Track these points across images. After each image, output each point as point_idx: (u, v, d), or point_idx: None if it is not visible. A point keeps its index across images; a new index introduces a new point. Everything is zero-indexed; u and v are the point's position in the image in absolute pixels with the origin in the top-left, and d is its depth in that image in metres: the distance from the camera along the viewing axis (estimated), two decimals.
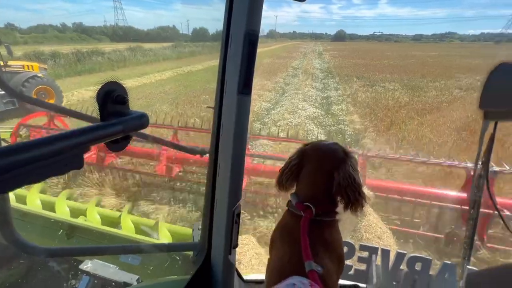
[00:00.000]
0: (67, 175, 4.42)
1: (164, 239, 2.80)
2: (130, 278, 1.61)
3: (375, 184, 3.62)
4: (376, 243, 3.05)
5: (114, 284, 1.59)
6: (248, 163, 4.08)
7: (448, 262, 1.49)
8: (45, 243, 2.51)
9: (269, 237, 1.05)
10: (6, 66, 8.89)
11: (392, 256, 1.60)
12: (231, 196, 1.02)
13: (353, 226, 3.34)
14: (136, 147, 4.67)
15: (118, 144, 0.51)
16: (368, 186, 3.43)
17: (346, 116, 9.42)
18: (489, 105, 0.98)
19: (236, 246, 1.12)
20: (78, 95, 11.71)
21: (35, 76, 9.17)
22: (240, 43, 0.85)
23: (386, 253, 1.60)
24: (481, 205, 1.43)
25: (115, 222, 3.11)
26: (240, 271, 1.43)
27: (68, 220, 2.73)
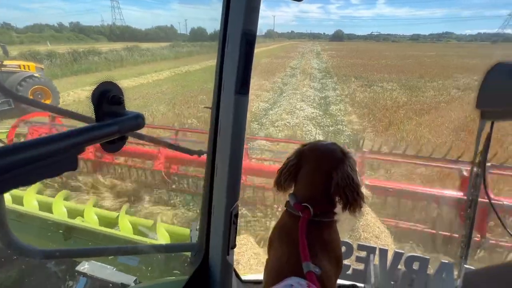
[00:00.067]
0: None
1: (162, 239, 2.79)
2: (128, 279, 1.60)
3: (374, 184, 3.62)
4: (374, 243, 3.06)
5: (111, 285, 1.58)
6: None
7: (446, 261, 1.50)
8: (42, 245, 2.50)
9: (267, 237, 1.05)
10: (2, 66, 8.81)
11: (390, 255, 1.60)
12: (228, 196, 1.01)
13: (351, 225, 3.34)
14: (132, 147, 4.66)
15: (114, 145, 0.50)
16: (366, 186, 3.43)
17: (344, 117, 9.43)
18: (485, 105, 0.98)
19: (234, 246, 1.12)
20: (74, 95, 11.61)
21: (32, 76, 9.10)
22: (237, 42, 0.84)
23: (384, 252, 1.61)
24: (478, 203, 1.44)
25: (112, 223, 3.10)
26: (238, 271, 1.43)
27: (65, 221, 2.72)
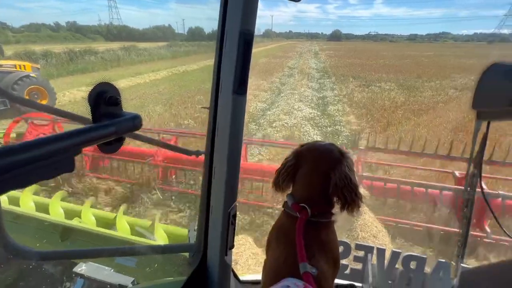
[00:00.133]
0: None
1: (160, 240, 2.78)
2: (126, 280, 1.60)
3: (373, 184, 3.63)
4: (372, 242, 3.07)
5: (109, 286, 1.57)
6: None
7: (443, 260, 1.51)
8: (38, 246, 2.48)
9: (266, 237, 1.05)
10: None
11: (387, 255, 1.61)
12: (226, 197, 1.01)
13: (349, 225, 3.36)
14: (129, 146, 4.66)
15: (111, 146, 0.50)
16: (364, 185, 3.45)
17: (342, 117, 9.44)
18: (481, 105, 0.99)
19: (232, 247, 1.12)
20: (69, 96, 11.48)
21: (28, 75, 9.01)
22: (235, 42, 0.84)
23: (381, 252, 1.61)
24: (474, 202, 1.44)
25: (110, 224, 3.08)
26: (236, 271, 1.43)
27: (63, 222, 2.70)
